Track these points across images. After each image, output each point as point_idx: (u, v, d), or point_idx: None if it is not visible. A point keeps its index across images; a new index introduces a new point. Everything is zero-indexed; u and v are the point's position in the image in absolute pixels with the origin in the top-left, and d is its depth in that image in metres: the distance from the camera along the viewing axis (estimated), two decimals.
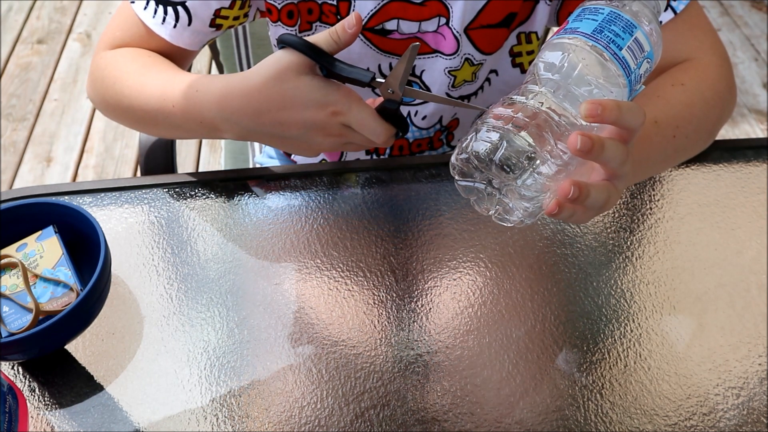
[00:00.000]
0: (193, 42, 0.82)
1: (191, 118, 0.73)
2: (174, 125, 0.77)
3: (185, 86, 0.73)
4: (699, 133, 0.77)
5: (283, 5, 0.81)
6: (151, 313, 0.72)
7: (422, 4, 0.80)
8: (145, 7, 0.79)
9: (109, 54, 0.82)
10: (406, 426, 0.64)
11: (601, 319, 0.72)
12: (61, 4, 2.72)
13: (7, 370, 0.68)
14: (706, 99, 0.76)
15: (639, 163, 0.70)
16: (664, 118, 0.72)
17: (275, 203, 0.82)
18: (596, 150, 0.51)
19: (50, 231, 0.72)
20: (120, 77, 0.79)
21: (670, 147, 0.73)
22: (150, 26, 0.80)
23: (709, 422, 0.65)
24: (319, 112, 0.66)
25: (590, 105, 0.51)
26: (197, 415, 0.65)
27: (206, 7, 0.79)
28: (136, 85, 0.77)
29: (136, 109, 0.78)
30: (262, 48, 1.13)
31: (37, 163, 2.14)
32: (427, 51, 0.85)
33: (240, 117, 0.70)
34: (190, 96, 0.73)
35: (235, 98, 0.69)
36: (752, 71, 2.42)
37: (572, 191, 0.52)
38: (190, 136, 0.82)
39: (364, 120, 0.66)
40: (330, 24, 0.82)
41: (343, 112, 0.66)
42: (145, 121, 0.80)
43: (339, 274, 0.75)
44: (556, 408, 0.66)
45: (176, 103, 0.73)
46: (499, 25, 0.82)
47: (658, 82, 0.78)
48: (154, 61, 0.79)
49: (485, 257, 0.77)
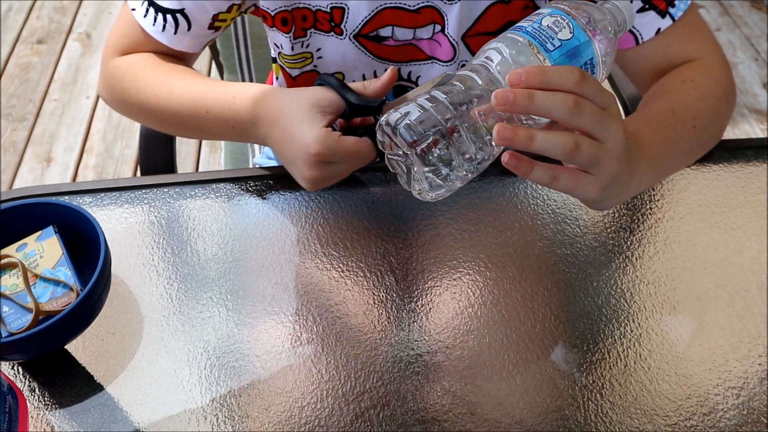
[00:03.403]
0: (193, 45, 0.84)
1: (224, 121, 0.77)
2: (205, 129, 0.81)
3: (220, 93, 0.77)
4: (714, 127, 0.78)
5: (276, 12, 0.82)
6: (151, 313, 0.72)
7: (417, 12, 0.80)
8: (145, 14, 0.81)
9: (122, 62, 0.85)
10: (406, 426, 0.64)
11: (601, 319, 0.72)
12: (61, 4, 2.73)
13: (7, 370, 0.68)
14: (716, 95, 0.78)
15: (669, 147, 0.70)
16: (680, 109, 0.73)
17: (275, 203, 0.82)
18: (520, 99, 0.51)
19: (50, 231, 0.72)
20: (146, 87, 0.82)
21: (692, 137, 0.74)
22: (151, 34, 0.82)
23: (709, 422, 0.65)
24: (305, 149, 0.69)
25: (514, 73, 0.52)
26: (197, 415, 0.65)
27: (204, 12, 0.81)
28: (164, 94, 0.81)
29: (164, 114, 0.82)
30: (263, 48, 1.13)
31: (37, 163, 2.14)
32: (423, 58, 0.85)
33: (261, 122, 0.74)
34: (226, 102, 0.76)
35: (264, 106, 0.74)
36: (752, 71, 2.42)
37: (497, 131, 0.51)
38: (220, 138, 0.88)
39: (347, 147, 0.68)
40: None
41: (322, 154, 0.68)
42: (173, 124, 0.85)
43: (339, 274, 0.75)
44: (556, 408, 0.66)
45: (210, 109, 0.77)
46: (498, 32, 0.82)
47: (667, 80, 0.78)
48: (175, 69, 0.83)
49: (485, 257, 0.77)
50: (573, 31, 0.56)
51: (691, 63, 0.80)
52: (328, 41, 0.84)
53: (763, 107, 2.30)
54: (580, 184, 0.56)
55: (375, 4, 0.80)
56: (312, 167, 0.69)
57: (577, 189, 0.57)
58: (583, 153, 0.54)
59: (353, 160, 0.70)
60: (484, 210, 0.81)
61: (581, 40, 0.56)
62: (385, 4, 0.80)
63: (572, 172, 0.56)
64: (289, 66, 0.88)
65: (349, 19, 0.81)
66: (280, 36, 0.84)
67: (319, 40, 0.84)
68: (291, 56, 0.86)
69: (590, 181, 0.56)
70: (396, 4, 0.80)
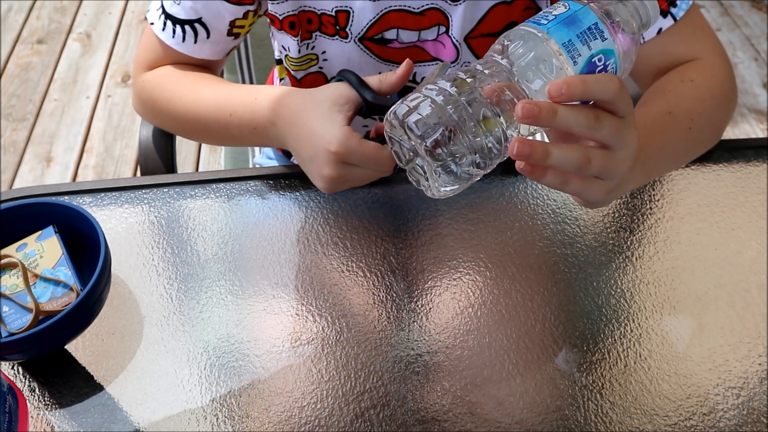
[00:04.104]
0: (215, 52, 0.86)
1: (246, 124, 0.78)
2: (229, 133, 0.81)
3: (244, 95, 0.79)
4: (711, 127, 0.78)
5: (284, 16, 0.82)
6: (151, 313, 0.72)
7: (421, 14, 0.80)
8: (163, 28, 0.83)
9: (150, 76, 0.87)
10: (406, 426, 0.64)
11: (601, 319, 0.72)
12: (61, 4, 2.73)
13: (7, 370, 0.68)
14: (715, 95, 0.78)
15: (663, 148, 0.70)
16: (677, 110, 0.73)
17: (275, 203, 0.82)
18: (544, 114, 0.51)
19: (50, 231, 0.72)
20: (174, 96, 0.84)
21: (687, 139, 0.74)
22: (171, 46, 0.83)
23: (709, 422, 0.65)
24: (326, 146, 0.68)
25: (554, 85, 0.51)
26: (197, 415, 0.65)
27: (221, 20, 0.82)
28: (190, 101, 0.82)
29: (192, 121, 0.83)
30: (263, 48, 1.13)
31: (37, 163, 2.14)
32: (427, 59, 0.85)
33: (282, 121, 0.74)
34: (249, 103, 0.77)
35: (285, 105, 0.74)
36: (752, 71, 2.42)
37: (516, 147, 0.51)
38: (243, 143, 0.90)
39: (367, 150, 0.68)
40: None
41: (341, 153, 0.68)
42: (200, 131, 0.86)
43: (339, 274, 0.75)
44: (556, 408, 0.66)
45: (234, 112, 0.78)
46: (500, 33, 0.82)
47: (667, 79, 0.79)
48: (202, 77, 0.84)
49: (485, 257, 0.77)
50: (569, 6, 0.55)
51: (692, 63, 0.80)
52: (333, 44, 0.84)
53: (763, 107, 2.30)
54: (588, 188, 0.57)
55: (380, 7, 0.80)
56: (331, 165, 0.69)
57: (585, 193, 0.58)
58: (594, 166, 0.55)
59: (372, 165, 0.69)
60: (484, 210, 0.81)
61: (576, 8, 0.55)
62: (390, 6, 0.80)
63: (582, 176, 0.57)
64: (294, 68, 0.89)
65: (354, 22, 0.81)
66: (288, 39, 0.85)
67: (324, 43, 0.84)
68: (297, 59, 0.87)
69: (598, 186, 0.58)
70: (401, 7, 0.80)
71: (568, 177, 0.56)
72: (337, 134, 0.68)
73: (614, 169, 0.56)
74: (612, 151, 0.56)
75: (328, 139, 0.68)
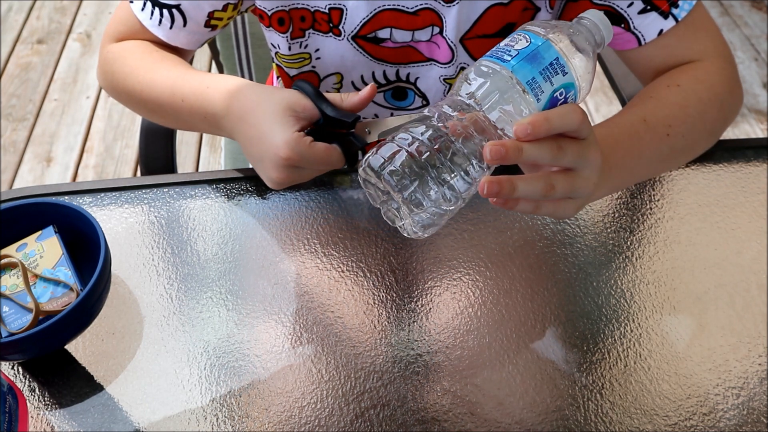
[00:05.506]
0: (189, 42, 0.84)
1: (197, 111, 0.77)
2: (181, 119, 0.80)
3: (197, 83, 0.77)
4: (697, 133, 0.77)
5: (273, 12, 0.82)
6: (151, 313, 0.72)
7: (415, 14, 0.80)
8: (142, 8, 0.82)
9: (116, 47, 0.85)
10: (406, 426, 0.64)
11: (601, 319, 0.72)
12: (61, 4, 2.73)
13: (7, 370, 0.68)
14: (702, 99, 0.76)
15: (631, 159, 0.71)
16: (654, 118, 0.73)
17: (275, 203, 0.82)
18: (511, 153, 0.55)
19: (50, 231, 0.72)
20: (131, 72, 0.82)
21: (665, 146, 0.73)
22: (147, 27, 0.82)
23: (709, 422, 0.65)
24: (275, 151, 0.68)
25: (520, 126, 0.55)
26: (197, 415, 0.65)
27: (199, 10, 0.81)
28: (146, 80, 0.81)
29: (147, 101, 0.82)
30: (263, 48, 1.13)
31: (37, 163, 2.14)
32: (421, 59, 0.85)
33: (232, 115, 0.73)
34: (200, 92, 0.76)
35: (238, 99, 0.72)
36: (752, 71, 2.42)
37: (486, 187, 0.55)
38: (194, 129, 0.86)
39: (317, 154, 0.67)
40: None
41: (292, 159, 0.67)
42: (155, 112, 0.84)
43: (339, 274, 0.75)
44: (556, 408, 0.66)
45: (185, 98, 0.77)
46: (497, 35, 0.82)
47: (654, 84, 0.78)
48: (164, 57, 0.83)
49: (485, 257, 0.77)
50: (530, 39, 0.57)
51: (687, 66, 0.79)
52: (326, 42, 0.84)
53: (763, 107, 2.30)
54: (559, 208, 0.61)
55: (373, 6, 0.80)
56: (280, 170, 0.68)
57: (557, 213, 0.62)
58: (558, 190, 0.58)
59: (322, 167, 0.70)
60: (484, 210, 0.81)
61: (538, 43, 0.57)
62: (384, 5, 0.79)
63: (551, 200, 0.61)
64: (287, 65, 0.88)
65: (347, 20, 0.81)
66: (276, 36, 0.84)
67: (318, 40, 0.84)
68: (289, 56, 0.86)
69: (569, 205, 0.62)
70: (394, 6, 0.79)
71: (539, 203, 0.60)
72: (287, 139, 0.67)
73: (580, 188, 0.60)
74: (575, 172, 0.59)
75: (278, 143, 0.67)
